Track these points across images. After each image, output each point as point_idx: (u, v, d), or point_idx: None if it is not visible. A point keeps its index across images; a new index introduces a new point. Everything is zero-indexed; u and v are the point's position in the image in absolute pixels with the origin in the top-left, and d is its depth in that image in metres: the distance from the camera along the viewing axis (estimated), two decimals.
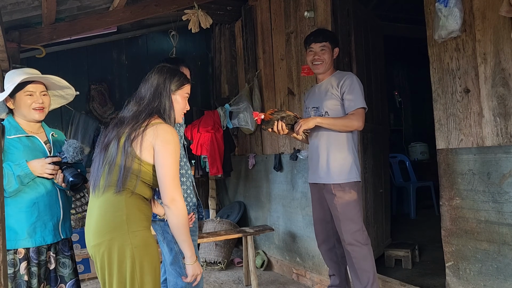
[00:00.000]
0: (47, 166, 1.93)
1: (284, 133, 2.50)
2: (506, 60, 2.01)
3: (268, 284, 3.64)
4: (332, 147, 2.53)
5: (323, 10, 3.24)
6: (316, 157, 2.62)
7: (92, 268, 4.00)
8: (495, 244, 2.08)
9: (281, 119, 2.46)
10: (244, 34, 4.48)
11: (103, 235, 1.61)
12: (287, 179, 3.81)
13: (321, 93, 2.62)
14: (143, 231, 1.63)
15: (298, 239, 3.65)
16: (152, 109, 1.75)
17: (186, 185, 2.30)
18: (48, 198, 1.99)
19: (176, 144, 1.68)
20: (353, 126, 2.46)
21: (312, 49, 2.61)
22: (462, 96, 2.24)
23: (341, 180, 2.49)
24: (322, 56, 2.58)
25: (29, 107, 1.99)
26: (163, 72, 1.84)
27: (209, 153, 4.32)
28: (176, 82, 1.83)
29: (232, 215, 4.66)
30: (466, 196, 2.22)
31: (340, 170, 2.50)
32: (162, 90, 1.79)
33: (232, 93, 4.82)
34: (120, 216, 1.61)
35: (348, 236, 2.46)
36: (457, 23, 2.13)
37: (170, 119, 1.78)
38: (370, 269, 2.46)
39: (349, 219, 2.47)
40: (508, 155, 2.01)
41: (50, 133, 2.13)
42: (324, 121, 2.47)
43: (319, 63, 2.59)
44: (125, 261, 1.58)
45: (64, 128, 4.45)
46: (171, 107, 1.79)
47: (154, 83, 1.81)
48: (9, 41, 3.03)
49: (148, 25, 4.90)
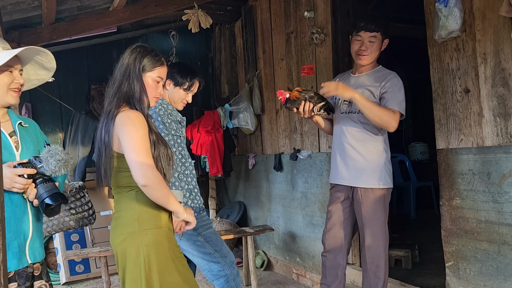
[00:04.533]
0: (16, 179, 1.42)
1: (308, 116, 2.27)
2: (506, 60, 2.01)
3: (268, 284, 3.64)
4: (365, 145, 2.28)
5: (323, 10, 3.24)
6: (341, 153, 2.35)
7: (92, 268, 4.01)
8: (495, 244, 2.08)
9: (309, 99, 2.22)
10: (244, 34, 4.48)
11: (119, 234, 1.64)
12: (287, 179, 3.81)
13: (357, 86, 2.29)
14: (154, 230, 1.63)
15: (298, 239, 3.65)
16: (120, 97, 1.63)
17: (192, 185, 2.29)
18: (11, 209, 1.45)
19: (136, 124, 1.56)
20: (386, 122, 2.17)
21: (360, 38, 2.28)
22: (462, 96, 2.24)
23: (373, 185, 2.26)
24: (371, 48, 2.27)
25: (7, 87, 1.50)
26: (134, 51, 1.69)
27: (209, 153, 4.32)
28: (148, 61, 1.68)
29: (232, 215, 4.66)
30: (466, 196, 2.22)
31: (373, 173, 2.26)
32: (131, 71, 1.65)
33: (232, 93, 4.82)
34: (132, 214, 1.62)
35: (375, 246, 2.27)
36: (457, 23, 2.13)
37: (142, 103, 1.64)
38: (382, 277, 2.28)
39: (379, 227, 2.26)
40: (508, 155, 2.01)
41: (17, 123, 1.57)
42: (361, 100, 2.14)
43: (366, 55, 2.28)
44: (135, 259, 1.60)
45: (64, 128, 4.46)
46: (142, 90, 1.65)
47: (124, 63, 1.67)
48: (9, 41, 3.03)
49: (148, 25, 4.90)
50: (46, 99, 4.32)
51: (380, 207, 2.27)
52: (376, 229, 2.27)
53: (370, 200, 2.26)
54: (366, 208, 2.26)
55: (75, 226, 2.77)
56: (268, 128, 4.14)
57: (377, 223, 2.27)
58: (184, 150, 2.28)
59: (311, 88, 3.39)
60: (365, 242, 2.29)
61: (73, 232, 3.95)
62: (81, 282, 3.90)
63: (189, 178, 2.27)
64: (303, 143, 3.56)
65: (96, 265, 4.00)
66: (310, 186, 3.44)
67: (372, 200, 2.26)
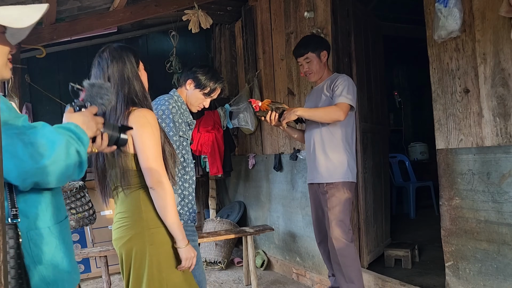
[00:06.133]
0: (98, 120, 1.27)
1: (274, 124, 2.55)
2: (505, 60, 2.01)
3: (268, 284, 3.64)
4: (324, 146, 2.57)
5: (323, 10, 3.24)
6: (310, 156, 2.67)
7: (92, 268, 4.01)
8: (494, 244, 2.09)
9: (275, 109, 2.53)
10: (244, 35, 4.48)
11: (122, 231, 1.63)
12: (287, 179, 3.81)
13: (317, 95, 2.67)
14: (160, 228, 1.62)
15: (298, 239, 3.66)
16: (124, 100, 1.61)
17: (187, 191, 2.15)
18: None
19: (151, 125, 1.58)
20: (332, 116, 2.44)
21: (300, 63, 2.68)
22: (462, 96, 2.24)
23: (333, 179, 2.53)
24: (311, 67, 2.63)
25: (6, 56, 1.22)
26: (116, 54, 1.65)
27: (209, 153, 4.33)
28: (135, 57, 1.68)
29: (232, 215, 4.66)
30: (465, 196, 2.23)
31: (333, 169, 2.54)
32: (128, 74, 1.64)
33: (232, 93, 4.82)
34: (138, 214, 1.61)
35: (335, 232, 2.51)
36: (457, 23, 2.14)
37: (146, 99, 1.66)
38: (354, 265, 2.52)
39: (337, 217, 2.51)
40: (507, 155, 2.01)
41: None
42: (305, 113, 2.49)
43: (310, 73, 2.66)
44: (141, 258, 1.59)
45: None
46: (142, 86, 1.67)
47: (115, 69, 1.63)
48: None
49: (148, 25, 4.91)
50: (47, 99, 4.33)
51: (343, 199, 2.54)
52: (338, 218, 2.54)
53: (332, 192, 2.55)
54: (329, 199, 2.56)
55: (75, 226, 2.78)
56: (268, 128, 4.14)
57: (339, 214, 2.53)
58: (188, 153, 2.17)
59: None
60: None
61: (73, 232, 3.95)
62: (81, 282, 3.90)
63: (186, 184, 2.14)
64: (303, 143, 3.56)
65: (96, 265, 4.00)
66: None
67: (334, 192, 2.54)
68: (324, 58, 2.65)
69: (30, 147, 1.04)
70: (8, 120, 1.07)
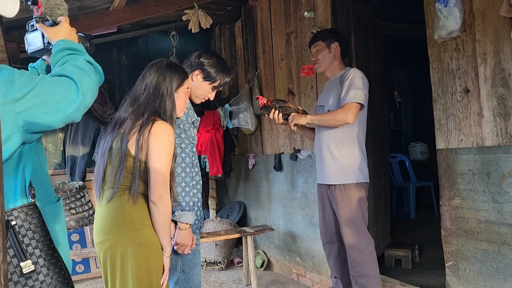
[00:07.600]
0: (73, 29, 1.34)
1: (280, 123, 2.55)
2: (506, 60, 2.01)
3: (268, 284, 3.64)
4: (335, 146, 2.48)
5: (323, 10, 3.24)
6: (319, 156, 2.59)
7: (92, 268, 4.01)
8: (495, 244, 2.08)
9: (279, 108, 2.53)
10: (244, 34, 4.48)
11: (106, 233, 1.60)
12: (287, 179, 3.81)
13: (328, 91, 2.60)
14: (146, 229, 1.62)
15: (298, 239, 3.65)
16: (151, 111, 1.68)
17: (197, 197, 2.05)
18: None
19: (170, 141, 1.63)
20: (340, 119, 2.37)
21: (311, 52, 2.70)
22: (462, 96, 2.24)
23: (344, 181, 2.43)
24: (317, 56, 2.63)
25: None
26: (161, 68, 1.74)
27: (209, 153, 4.33)
28: (178, 79, 1.75)
29: (232, 215, 4.66)
30: (466, 196, 2.22)
31: (344, 170, 2.44)
32: (163, 90, 1.71)
33: (232, 93, 4.82)
34: (123, 214, 1.60)
35: (349, 239, 2.42)
36: (457, 23, 2.13)
37: (172, 119, 1.72)
38: (372, 275, 2.38)
39: (350, 221, 2.41)
40: (508, 155, 2.01)
41: None
42: (314, 119, 2.48)
43: (316, 63, 2.65)
44: (127, 260, 1.57)
45: (64, 128, 4.45)
46: (173, 107, 1.73)
47: (154, 81, 1.72)
48: (9, 41, 3.04)
49: (148, 25, 4.91)
50: None
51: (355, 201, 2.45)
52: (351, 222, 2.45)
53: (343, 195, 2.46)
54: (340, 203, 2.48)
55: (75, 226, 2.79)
56: (268, 128, 4.14)
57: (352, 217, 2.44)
58: (195, 158, 2.01)
59: (311, 88, 3.41)
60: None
61: (73, 232, 3.95)
62: (81, 282, 3.90)
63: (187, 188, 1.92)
64: (303, 143, 3.56)
65: (96, 265, 4.00)
66: (310, 186, 3.45)
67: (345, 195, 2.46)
68: (335, 51, 2.59)
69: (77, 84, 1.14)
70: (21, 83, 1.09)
